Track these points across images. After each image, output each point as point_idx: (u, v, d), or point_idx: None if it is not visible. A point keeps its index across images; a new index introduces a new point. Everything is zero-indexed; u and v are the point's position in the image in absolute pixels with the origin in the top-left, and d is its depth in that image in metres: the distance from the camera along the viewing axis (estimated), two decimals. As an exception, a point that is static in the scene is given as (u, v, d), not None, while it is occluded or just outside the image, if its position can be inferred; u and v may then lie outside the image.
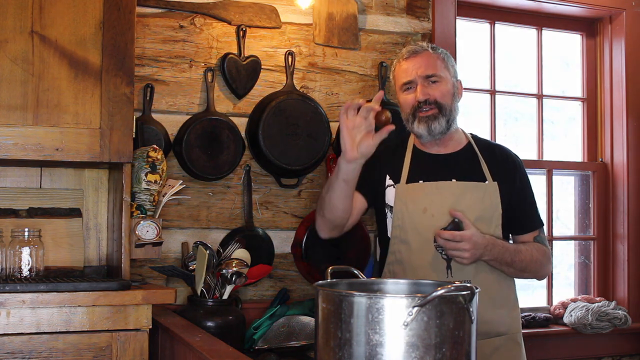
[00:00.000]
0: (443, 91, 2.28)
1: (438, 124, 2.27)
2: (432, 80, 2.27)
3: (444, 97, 2.27)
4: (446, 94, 2.28)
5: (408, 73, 2.30)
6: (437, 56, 2.31)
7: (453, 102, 2.31)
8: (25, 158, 2.15)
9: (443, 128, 2.28)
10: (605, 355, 3.51)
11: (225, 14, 2.83)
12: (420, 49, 2.32)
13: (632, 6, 3.61)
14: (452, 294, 1.38)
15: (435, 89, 2.27)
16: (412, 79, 2.29)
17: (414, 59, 2.30)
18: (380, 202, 2.38)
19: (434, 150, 2.36)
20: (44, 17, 2.18)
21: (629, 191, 3.58)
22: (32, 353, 1.97)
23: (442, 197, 2.27)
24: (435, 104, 2.26)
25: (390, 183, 2.36)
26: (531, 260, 2.27)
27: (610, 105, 3.65)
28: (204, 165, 2.72)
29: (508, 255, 2.21)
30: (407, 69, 2.30)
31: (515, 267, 2.24)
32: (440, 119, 2.27)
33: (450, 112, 2.29)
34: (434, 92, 2.27)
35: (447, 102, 2.28)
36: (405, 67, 2.31)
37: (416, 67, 2.29)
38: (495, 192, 2.29)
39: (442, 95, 2.27)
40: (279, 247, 2.89)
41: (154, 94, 2.72)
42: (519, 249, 2.26)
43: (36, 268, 2.25)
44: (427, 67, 2.28)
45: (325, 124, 2.88)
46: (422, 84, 2.27)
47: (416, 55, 2.30)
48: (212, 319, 2.35)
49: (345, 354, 1.40)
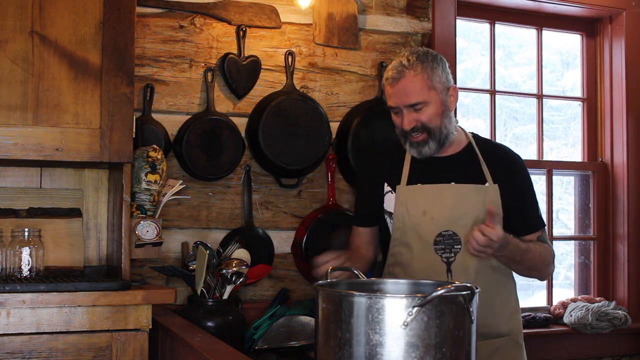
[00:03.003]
0: (430, 115, 2.21)
1: (428, 148, 2.24)
2: (417, 108, 2.21)
3: (431, 121, 2.21)
4: (433, 116, 2.21)
5: (392, 100, 2.24)
6: (419, 77, 2.20)
7: (443, 119, 2.23)
8: (25, 158, 2.15)
9: (433, 150, 2.25)
10: (605, 355, 3.51)
11: (225, 14, 2.83)
12: (401, 72, 2.20)
13: (632, 6, 3.61)
14: (452, 294, 1.38)
15: (421, 114, 2.21)
16: (397, 107, 2.24)
17: (396, 85, 2.21)
18: (380, 209, 2.37)
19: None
20: (44, 17, 2.18)
21: (629, 191, 3.58)
22: (32, 353, 1.97)
23: (441, 200, 2.25)
24: (422, 129, 2.22)
25: (388, 190, 2.34)
26: (540, 259, 2.25)
27: (610, 105, 3.65)
28: (204, 165, 2.72)
29: (518, 253, 2.17)
30: (391, 96, 2.24)
31: (524, 265, 2.22)
32: (430, 143, 2.23)
33: (441, 132, 2.24)
34: (420, 116, 2.21)
35: (436, 124, 2.22)
36: (390, 92, 2.24)
37: (399, 95, 2.21)
38: (495, 195, 2.27)
39: (429, 119, 2.21)
40: (279, 247, 2.89)
41: (154, 94, 2.72)
42: (529, 247, 2.22)
43: (36, 268, 2.25)
44: (409, 96, 2.19)
45: (325, 124, 2.88)
46: (407, 112, 2.22)
47: (397, 82, 2.20)
48: (212, 319, 2.35)
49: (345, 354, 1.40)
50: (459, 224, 2.22)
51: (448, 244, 2.23)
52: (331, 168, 2.93)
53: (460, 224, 2.22)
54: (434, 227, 2.23)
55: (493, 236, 2.00)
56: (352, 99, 3.02)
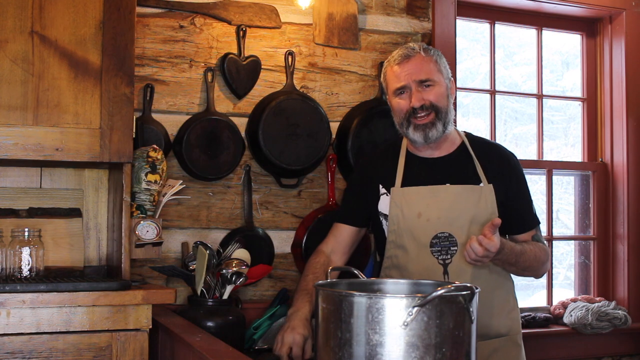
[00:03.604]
0: (438, 94, 2.24)
1: (435, 130, 2.24)
2: (426, 85, 2.23)
3: (439, 100, 2.24)
4: (441, 96, 2.24)
5: (400, 78, 2.25)
6: (429, 59, 2.25)
7: (448, 103, 2.27)
8: (25, 158, 2.15)
9: (440, 133, 2.25)
10: (605, 355, 3.51)
11: (225, 14, 2.83)
12: (412, 52, 2.26)
13: (632, 6, 3.61)
14: (452, 294, 1.38)
15: (429, 93, 2.23)
16: (405, 84, 2.24)
17: (406, 64, 2.24)
18: (375, 211, 2.37)
19: (428, 154, 2.33)
20: (44, 17, 2.18)
21: (629, 191, 3.58)
22: (32, 353, 1.97)
23: (436, 201, 2.25)
24: (431, 108, 2.23)
25: (383, 191, 2.34)
26: (534, 259, 2.25)
27: (610, 105, 3.65)
28: (204, 165, 2.72)
29: (513, 256, 2.16)
30: (400, 75, 2.25)
31: (518, 266, 2.22)
32: (438, 124, 2.24)
33: (446, 115, 2.26)
34: (429, 95, 2.23)
35: (443, 105, 2.25)
36: (398, 72, 2.25)
37: (409, 72, 2.23)
38: (490, 195, 2.26)
39: (437, 98, 2.23)
40: (279, 247, 2.89)
41: (154, 94, 2.72)
42: (524, 249, 2.21)
43: (36, 268, 2.25)
44: (420, 72, 2.23)
45: (325, 124, 2.88)
46: (417, 90, 2.23)
47: (408, 60, 2.24)
48: (212, 319, 2.35)
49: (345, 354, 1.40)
50: (454, 225, 2.22)
51: (444, 246, 2.22)
52: (331, 168, 2.93)
53: (456, 226, 2.22)
54: (429, 229, 2.23)
55: (491, 247, 1.98)
56: (352, 99, 3.02)
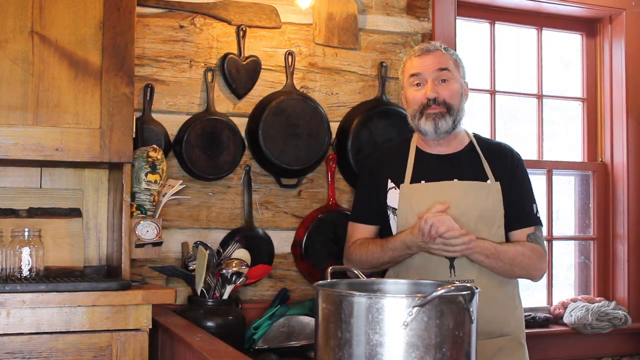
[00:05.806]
0: (452, 91, 2.30)
1: (445, 122, 2.29)
2: (443, 79, 2.30)
3: (452, 98, 2.30)
4: (455, 94, 2.31)
5: (419, 68, 2.32)
6: (449, 56, 2.34)
7: (461, 102, 2.33)
8: (25, 158, 2.15)
9: (449, 127, 2.30)
10: (605, 355, 3.51)
11: (225, 14, 2.83)
12: (433, 47, 2.35)
13: (632, 6, 3.61)
14: (452, 294, 1.38)
15: (444, 89, 2.30)
16: (422, 72, 2.31)
17: (426, 57, 2.32)
18: (383, 205, 2.38)
19: (437, 150, 2.37)
20: (44, 17, 2.18)
21: (629, 191, 3.58)
22: (32, 353, 1.97)
23: (445, 197, 2.26)
24: (444, 104, 2.29)
25: (392, 186, 2.36)
26: (517, 252, 2.24)
27: (610, 105, 3.65)
28: (204, 165, 2.72)
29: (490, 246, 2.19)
30: (417, 66, 2.33)
31: (502, 258, 2.21)
32: (447, 118, 2.29)
33: (458, 113, 2.32)
34: (443, 91, 2.29)
35: (455, 103, 2.31)
36: (417, 63, 2.33)
37: (429, 63, 2.31)
38: (497, 192, 2.29)
39: (451, 95, 2.30)
40: (279, 247, 2.89)
41: (154, 94, 2.72)
42: (505, 244, 2.26)
43: (36, 268, 2.25)
44: (439, 64, 2.31)
45: (325, 124, 2.88)
46: (433, 82, 2.30)
47: (428, 53, 2.33)
48: (212, 319, 2.35)
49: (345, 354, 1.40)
50: (462, 220, 2.23)
51: None
52: (331, 168, 2.93)
53: (463, 221, 2.23)
54: None
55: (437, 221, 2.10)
56: (352, 99, 3.02)
